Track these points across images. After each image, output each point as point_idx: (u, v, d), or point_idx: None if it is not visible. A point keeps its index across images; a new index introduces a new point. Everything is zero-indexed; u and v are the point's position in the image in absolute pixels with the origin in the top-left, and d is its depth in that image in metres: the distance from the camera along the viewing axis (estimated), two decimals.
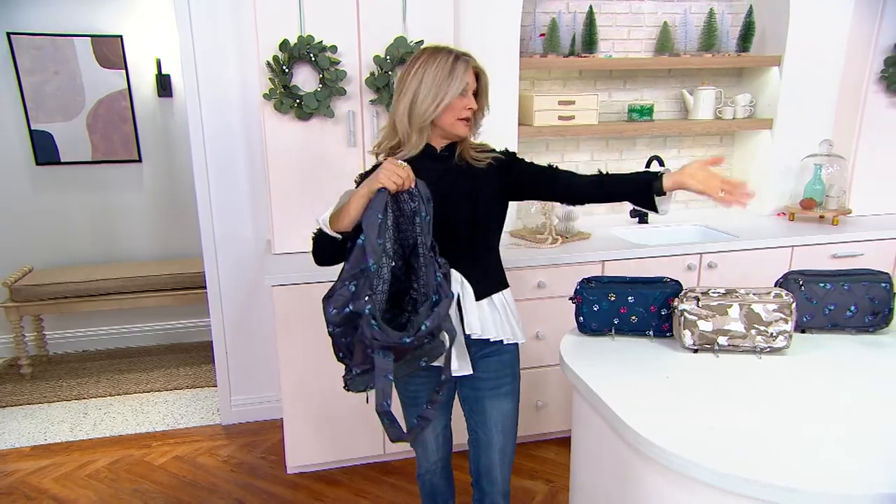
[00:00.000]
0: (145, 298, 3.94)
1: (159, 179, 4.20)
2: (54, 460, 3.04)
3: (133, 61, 3.98)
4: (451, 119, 1.75)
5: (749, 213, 3.64)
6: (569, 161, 3.51)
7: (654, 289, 1.83)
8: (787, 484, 1.19)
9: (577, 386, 1.69)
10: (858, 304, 1.89)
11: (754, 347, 1.74)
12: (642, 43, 3.47)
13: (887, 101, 3.47)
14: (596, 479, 1.68)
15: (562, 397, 3.07)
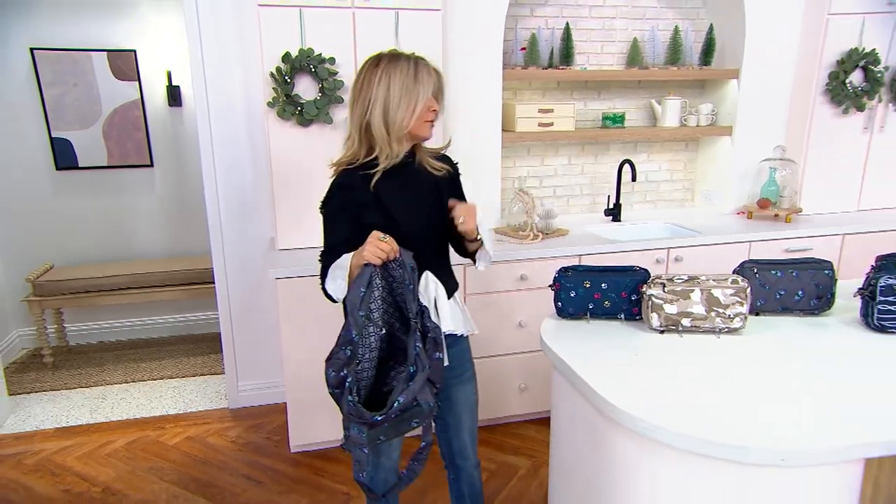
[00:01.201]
0: (157, 293, 3.89)
1: (169, 183, 4.15)
2: (76, 441, 3.00)
3: (145, 74, 3.94)
4: (423, 123, 1.68)
5: (711, 212, 3.67)
6: (548, 164, 3.50)
7: (625, 276, 1.83)
8: (737, 443, 1.22)
9: (556, 364, 1.69)
10: (805, 289, 1.91)
11: (714, 328, 1.75)
12: (614, 56, 3.47)
13: (831, 111, 3.47)
14: (572, 447, 1.67)
15: (542, 380, 3.06)
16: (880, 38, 3.41)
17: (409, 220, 1.72)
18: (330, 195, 1.75)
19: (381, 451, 1.96)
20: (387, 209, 1.70)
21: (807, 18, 3.40)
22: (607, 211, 3.50)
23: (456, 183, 1.88)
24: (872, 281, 1.80)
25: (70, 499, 2.58)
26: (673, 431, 1.26)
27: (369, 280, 1.53)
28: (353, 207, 1.70)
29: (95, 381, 3.61)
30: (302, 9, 2.65)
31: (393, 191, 1.71)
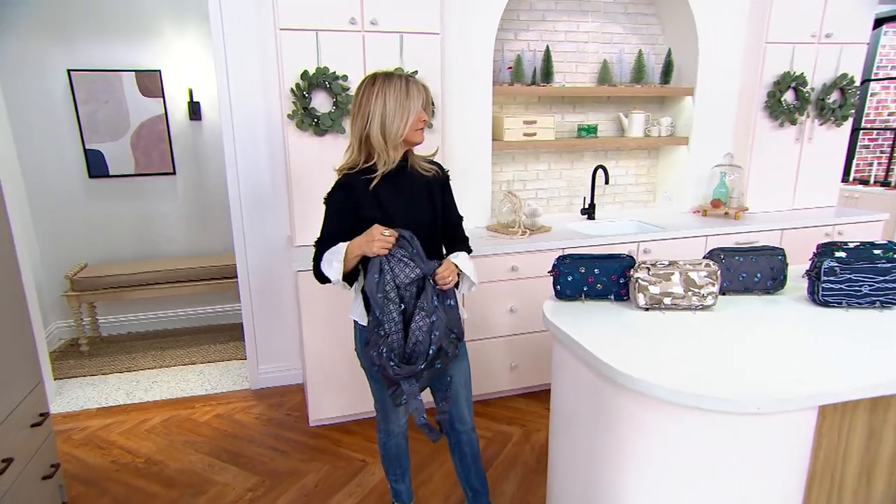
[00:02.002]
0: (181, 287, 3.87)
1: (190, 189, 4.13)
2: (117, 419, 2.98)
3: (169, 91, 3.91)
4: (414, 131, 1.73)
5: (672, 211, 3.76)
6: (531, 169, 3.57)
7: (614, 262, 1.88)
8: (722, 396, 1.30)
9: (558, 337, 1.74)
10: (763, 272, 1.99)
11: (690, 305, 1.82)
12: (587, 75, 3.54)
13: (770, 124, 3.58)
14: (574, 410, 1.73)
15: (532, 359, 3.12)
16: (808, 63, 3.54)
17: (403, 218, 1.77)
18: (333, 192, 1.80)
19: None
20: (385, 209, 1.76)
21: (748, 45, 3.52)
22: (583, 210, 3.58)
23: (446, 187, 1.92)
24: (817, 264, 1.89)
25: (118, 468, 2.57)
26: (668, 388, 1.33)
27: (380, 267, 1.65)
28: (351, 205, 1.76)
29: (128, 367, 3.58)
30: (318, 32, 2.67)
31: (390, 192, 1.77)
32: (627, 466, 1.51)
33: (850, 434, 1.80)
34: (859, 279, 1.82)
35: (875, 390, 1.41)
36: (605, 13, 3.48)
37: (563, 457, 1.85)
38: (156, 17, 3.82)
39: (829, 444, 1.78)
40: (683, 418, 1.38)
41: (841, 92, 3.65)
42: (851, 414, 1.77)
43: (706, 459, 1.41)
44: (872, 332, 1.67)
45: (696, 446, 1.41)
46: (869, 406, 1.78)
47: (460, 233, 1.95)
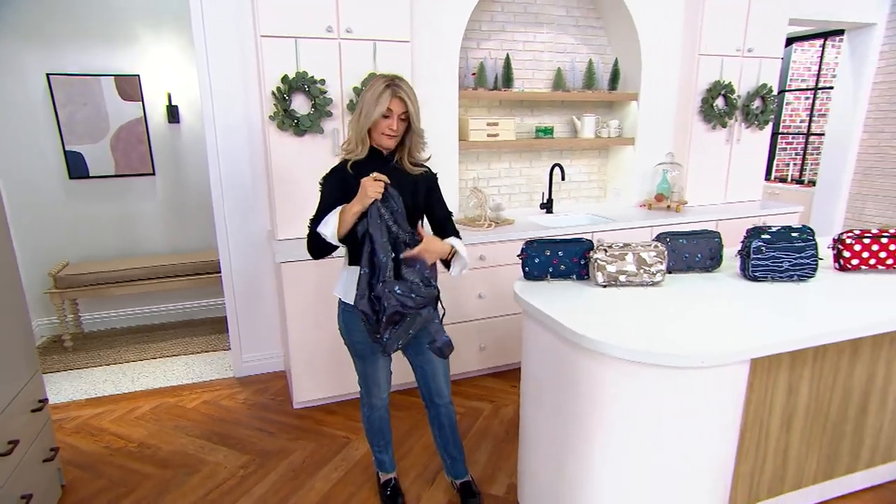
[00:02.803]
0: (163, 283, 3.81)
1: (169, 189, 4.07)
2: (107, 408, 2.94)
3: (148, 95, 3.85)
4: (378, 133, 1.79)
5: (620, 205, 3.94)
6: (494, 168, 3.68)
7: (575, 245, 2.00)
8: (672, 352, 1.44)
9: (527, 311, 1.86)
10: (702, 252, 2.15)
11: (642, 282, 1.96)
12: (543, 81, 3.66)
13: (704, 127, 3.79)
14: (542, 375, 1.84)
15: (499, 341, 3.23)
16: (735, 74, 3.78)
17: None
18: (327, 175, 1.89)
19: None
20: None
21: (684, 56, 3.73)
22: (542, 205, 3.72)
23: (433, 186, 1.97)
24: (747, 244, 2.08)
25: (112, 453, 2.55)
26: (624, 348, 1.46)
27: (379, 214, 1.69)
28: (342, 186, 1.83)
29: (113, 360, 3.52)
30: (297, 39, 2.71)
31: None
32: (590, 422, 1.64)
33: (774, 389, 1.99)
34: (781, 256, 2.01)
35: (793, 345, 1.58)
36: (559, 25, 3.63)
37: (533, 420, 1.96)
38: (135, 24, 3.76)
39: (757, 398, 1.97)
40: (638, 374, 1.51)
41: (762, 99, 3.92)
42: (776, 371, 1.96)
43: (658, 412, 1.55)
44: (791, 301, 1.85)
45: (649, 400, 1.55)
46: (788, 364, 1.97)
47: (450, 226, 1.99)
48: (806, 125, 6.41)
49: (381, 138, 1.81)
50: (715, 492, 1.69)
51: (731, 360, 1.48)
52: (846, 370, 2.10)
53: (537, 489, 1.95)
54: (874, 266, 2.13)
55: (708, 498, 1.68)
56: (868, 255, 2.12)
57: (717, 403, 1.58)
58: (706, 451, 1.62)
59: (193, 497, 2.25)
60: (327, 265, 2.70)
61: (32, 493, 1.94)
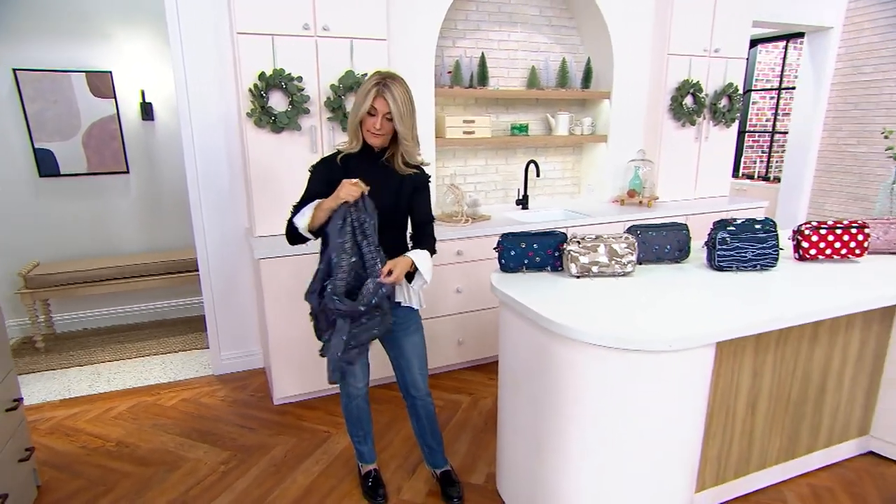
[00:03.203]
0: (138, 282, 3.76)
1: (144, 187, 4.02)
2: (82, 408, 2.90)
3: (121, 92, 3.79)
4: (365, 131, 1.83)
5: (594, 200, 4.04)
6: (470, 164, 3.73)
7: (550, 238, 2.06)
8: (641, 337, 1.50)
9: (504, 301, 1.91)
10: (671, 244, 2.24)
11: (614, 273, 2.04)
12: (518, 80, 3.73)
13: (674, 125, 3.91)
14: (519, 363, 1.89)
15: (477, 334, 3.28)
16: (702, 73, 3.90)
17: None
18: (317, 164, 1.93)
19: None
20: None
21: (654, 56, 3.84)
22: (518, 201, 3.78)
23: (421, 188, 1.97)
24: (713, 236, 2.17)
25: (89, 453, 2.52)
26: (598, 334, 1.53)
27: (343, 218, 1.72)
28: (327, 175, 1.88)
29: (87, 361, 3.46)
30: (274, 36, 2.72)
31: (358, 171, 1.85)
32: (566, 408, 1.69)
33: (740, 374, 2.08)
34: (744, 247, 2.10)
35: (755, 329, 1.66)
36: (532, 24, 3.70)
37: (511, 409, 2.02)
38: (107, 20, 3.70)
39: (724, 383, 2.06)
40: (610, 359, 1.58)
41: (729, 98, 4.05)
42: (741, 357, 2.05)
43: (630, 396, 1.62)
44: (754, 288, 1.94)
45: (621, 385, 1.61)
46: (752, 349, 2.07)
47: (428, 230, 1.98)
48: (771, 124, 6.62)
49: (367, 135, 1.84)
50: (685, 473, 1.77)
51: (697, 343, 1.55)
52: (806, 354, 2.21)
53: (515, 476, 2.01)
54: (830, 256, 2.24)
55: (679, 479, 1.75)
56: (824, 246, 2.23)
57: (685, 387, 1.66)
58: (677, 433, 1.69)
59: (174, 494, 2.25)
60: (305, 261, 2.72)
61: (7, 493, 1.92)
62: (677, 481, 1.76)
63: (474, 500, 2.22)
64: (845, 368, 2.33)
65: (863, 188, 4.78)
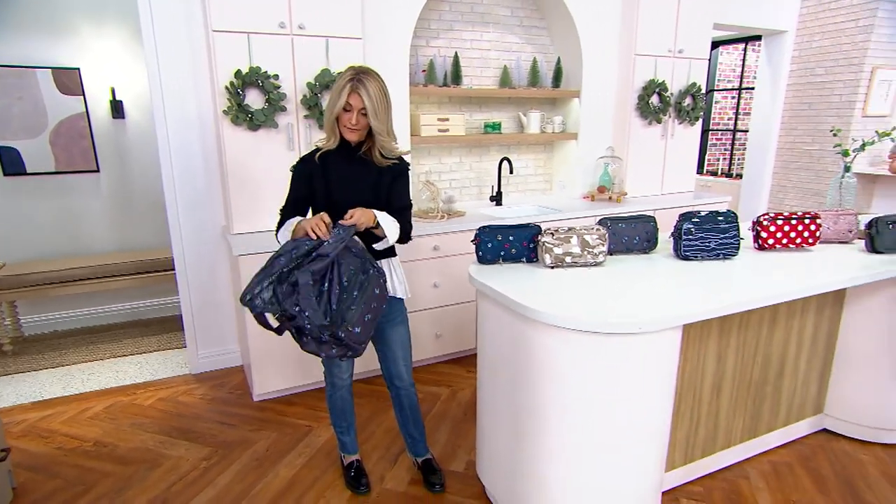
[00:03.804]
0: (109, 282, 3.70)
1: (115, 185, 3.95)
2: (56, 410, 2.85)
3: (90, 89, 3.73)
4: (342, 126, 1.87)
5: (565, 196, 4.15)
6: (444, 162, 3.80)
7: (525, 230, 2.13)
8: (612, 320, 1.59)
9: (482, 291, 1.97)
10: (640, 235, 2.34)
11: (586, 263, 2.12)
12: (490, 79, 3.81)
13: (641, 123, 4.05)
14: (497, 350, 1.95)
15: (454, 328, 3.35)
16: (667, 73, 4.05)
17: (342, 191, 1.93)
18: (296, 165, 1.98)
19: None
20: (329, 181, 1.93)
21: (622, 56, 3.97)
22: (492, 197, 3.86)
23: (399, 176, 2.02)
24: (678, 227, 2.28)
25: (65, 453, 2.49)
26: (572, 319, 1.61)
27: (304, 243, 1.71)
28: (307, 175, 1.94)
29: (59, 363, 3.39)
30: (249, 35, 2.73)
31: (338, 167, 1.92)
32: (543, 391, 1.77)
33: (705, 358, 2.20)
34: (708, 237, 2.22)
35: (720, 311, 1.77)
36: (504, 25, 3.79)
37: (490, 395, 2.09)
38: (74, 16, 3.63)
39: (691, 366, 2.17)
40: (584, 343, 1.66)
41: (692, 97, 4.21)
42: (706, 341, 2.17)
43: (604, 378, 1.70)
44: (718, 276, 2.06)
45: (595, 367, 1.69)
46: (717, 334, 2.19)
47: (405, 216, 2.00)
48: (733, 122, 6.88)
49: (344, 131, 1.89)
50: (657, 453, 1.86)
51: (665, 325, 1.65)
52: (766, 339, 2.35)
53: (495, 460, 2.08)
54: (786, 245, 2.39)
55: (651, 459, 1.85)
56: (781, 235, 2.37)
57: (655, 369, 1.75)
58: (649, 414, 1.78)
59: (156, 491, 2.25)
60: None
61: None
62: (650, 460, 1.85)
63: (455, 486, 2.29)
64: (801, 351, 2.48)
65: (817, 184, 5.03)
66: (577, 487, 1.80)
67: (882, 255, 2.34)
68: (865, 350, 2.52)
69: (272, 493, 2.23)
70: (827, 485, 2.30)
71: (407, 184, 2.06)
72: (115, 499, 2.20)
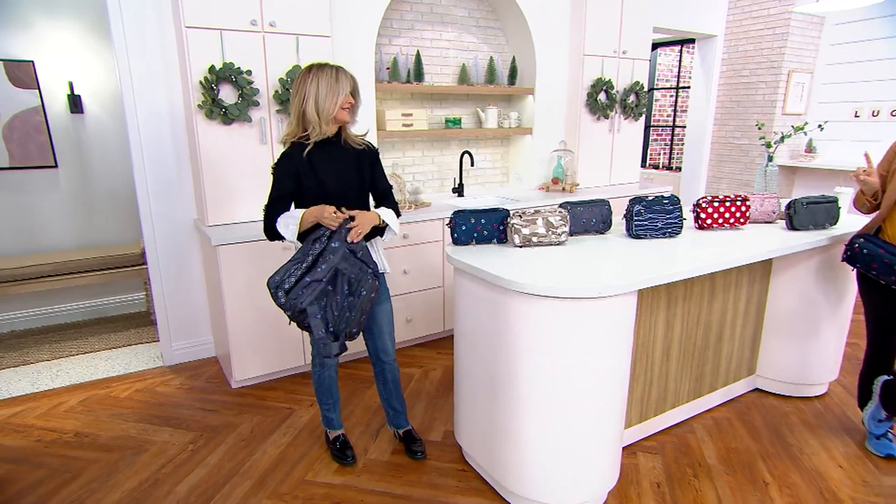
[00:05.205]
0: (71, 280, 3.66)
1: (75, 181, 3.88)
2: (27, 406, 2.83)
3: (45, 83, 3.66)
4: (340, 111, 2.03)
5: (522, 188, 4.40)
6: (408, 156, 3.96)
7: (495, 214, 2.33)
8: (576, 286, 1.81)
9: (459, 268, 2.15)
10: (596, 217, 2.59)
11: (550, 242, 2.35)
12: (450, 76, 3.99)
13: (591, 118, 4.35)
14: (475, 321, 2.13)
15: (424, 313, 3.52)
16: (613, 72, 4.37)
17: (333, 182, 2.07)
18: (278, 162, 2.07)
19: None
20: (317, 173, 2.06)
21: (572, 56, 4.25)
22: (454, 189, 4.06)
23: (376, 160, 2.23)
24: (630, 209, 2.55)
25: (46, 445, 2.51)
26: (541, 286, 1.82)
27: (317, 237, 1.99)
28: (293, 171, 2.05)
29: (23, 362, 3.33)
30: (222, 31, 2.81)
31: (323, 160, 2.06)
32: (516, 355, 1.97)
33: (655, 326, 2.48)
34: (656, 217, 2.50)
35: (668, 279, 2.03)
36: (462, 25, 3.99)
37: (467, 364, 2.28)
38: (27, 8, 3.56)
39: (643, 333, 2.44)
40: (553, 308, 1.88)
41: (636, 95, 4.56)
42: (656, 311, 2.45)
43: (570, 340, 1.92)
44: (665, 250, 2.33)
45: (563, 330, 1.91)
46: (665, 304, 2.47)
47: (390, 198, 2.25)
48: (672, 119, 7.37)
49: (341, 113, 2.03)
50: (617, 410, 2.10)
51: (623, 290, 1.89)
52: (707, 307, 2.66)
53: (472, 424, 2.28)
54: (721, 224, 2.71)
55: (613, 416, 2.09)
56: (717, 216, 2.69)
57: (615, 330, 1.99)
58: (610, 373, 2.02)
59: (146, 473, 2.32)
60: (261, 246, 2.85)
61: None
62: (612, 417, 2.09)
63: (435, 453, 2.48)
64: (736, 319, 2.82)
65: (747, 175, 5.52)
66: (548, 443, 2.02)
67: (800, 232, 2.70)
68: (787, 317, 2.88)
69: (263, 469, 2.35)
70: (759, 433, 2.64)
71: (383, 168, 2.27)
72: (106, 482, 2.25)
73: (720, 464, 2.41)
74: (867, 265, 2.28)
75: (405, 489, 2.23)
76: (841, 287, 2.81)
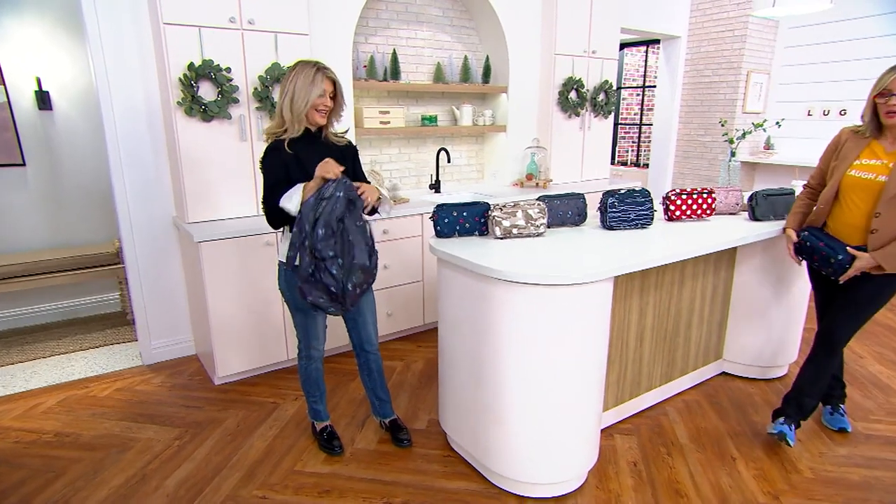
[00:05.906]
0: (40, 280, 3.57)
1: (44, 180, 3.79)
2: (2, 408, 2.78)
3: (11, 79, 3.57)
4: (313, 111, 2.08)
5: (497, 184, 4.49)
6: (385, 153, 4.01)
7: (477, 207, 2.41)
8: (554, 274, 1.91)
9: (443, 258, 2.22)
10: (572, 210, 2.70)
11: (530, 233, 2.44)
12: (425, 74, 4.06)
13: (562, 116, 4.48)
14: (459, 309, 2.21)
15: (404, 307, 3.57)
16: (583, 71, 4.51)
17: None
18: (266, 155, 2.12)
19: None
20: (305, 167, 2.10)
21: (543, 55, 4.36)
22: (431, 185, 4.12)
23: (356, 156, 2.30)
24: (604, 201, 2.67)
25: (25, 446, 2.47)
26: (522, 274, 1.91)
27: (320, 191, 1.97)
28: (281, 163, 2.09)
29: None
30: (201, 28, 2.81)
31: (309, 156, 2.10)
32: (499, 340, 2.06)
33: (630, 312, 2.60)
34: (629, 209, 2.63)
35: (641, 266, 2.15)
36: (436, 24, 4.06)
37: (451, 352, 2.35)
38: None
39: (619, 319, 2.56)
40: (534, 294, 1.96)
41: (605, 93, 4.72)
42: (630, 298, 2.57)
43: (551, 324, 2.02)
44: (638, 240, 2.46)
45: (544, 315, 2.00)
46: (638, 292, 2.59)
47: None
48: (639, 117, 7.60)
49: (314, 115, 2.07)
50: (596, 392, 2.21)
51: (600, 277, 1.99)
52: (677, 295, 2.80)
53: (457, 410, 2.35)
54: (689, 216, 2.86)
55: (592, 398, 2.19)
56: (686, 208, 2.83)
57: (593, 315, 2.09)
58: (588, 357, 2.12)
59: (132, 470, 2.32)
60: (243, 242, 2.87)
61: None
62: (591, 399, 2.20)
63: (420, 441, 2.54)
64: (704, 306, 2.97)
65: (711, 171, 5.76)
66: (531, 425, 2.11)
67: (761, 222, 2.87)
68: (750, 303, 3.05)
69: (251, 461, 2.38)
70: (726, 413, 2.79)
71: (360, 163, 2.34)
72: (91, 480, 2.25)
73: (691, 442, 2.55)
74: (810, 256, 2.46)
75: (393, 476, 2.29)
76: (797, 275, 2.99)
